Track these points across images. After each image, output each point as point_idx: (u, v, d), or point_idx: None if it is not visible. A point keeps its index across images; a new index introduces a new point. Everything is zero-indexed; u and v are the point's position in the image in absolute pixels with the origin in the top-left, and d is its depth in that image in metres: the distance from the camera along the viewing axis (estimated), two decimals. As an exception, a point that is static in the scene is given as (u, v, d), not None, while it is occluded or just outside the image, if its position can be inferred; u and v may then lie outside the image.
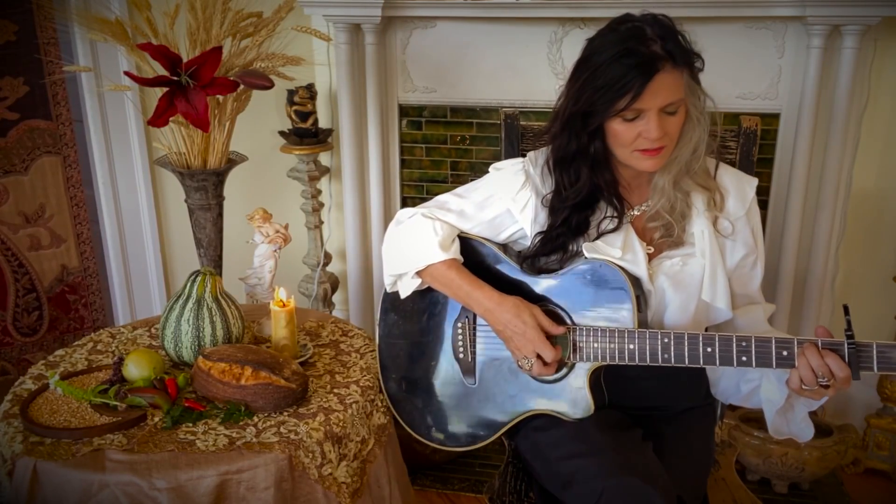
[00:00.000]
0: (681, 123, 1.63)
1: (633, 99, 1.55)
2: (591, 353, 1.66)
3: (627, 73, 1.54)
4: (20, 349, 2.85)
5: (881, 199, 2.84)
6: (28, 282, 2.82)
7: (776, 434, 1.71)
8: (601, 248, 1.69)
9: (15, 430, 1.74)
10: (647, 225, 1.74)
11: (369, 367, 2.01)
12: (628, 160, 1.66)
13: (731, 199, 1.73)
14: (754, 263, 1.77)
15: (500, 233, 1.81)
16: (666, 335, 1.60)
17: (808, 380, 1.51)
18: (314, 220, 3.16)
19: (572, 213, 1.71)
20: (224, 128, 2.47)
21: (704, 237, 1.71)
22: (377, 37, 2.88)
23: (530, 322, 1.65)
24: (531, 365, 1.67)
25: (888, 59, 2.68)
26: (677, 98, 1.58)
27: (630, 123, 1.60)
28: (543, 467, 1.75)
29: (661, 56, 1.55)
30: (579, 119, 1.64)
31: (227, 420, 1.78)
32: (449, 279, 1.75)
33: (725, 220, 1.73)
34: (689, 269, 1.71)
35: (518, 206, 1.77)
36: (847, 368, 1.49)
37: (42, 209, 2.80)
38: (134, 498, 1.60)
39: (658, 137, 1.59)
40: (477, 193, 1.82)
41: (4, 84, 2.66)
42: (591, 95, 1.59)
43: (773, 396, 1.66)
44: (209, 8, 2.32)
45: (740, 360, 1.56)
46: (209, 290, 1.99)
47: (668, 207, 1.71)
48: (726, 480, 2.00)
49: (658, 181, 1.70)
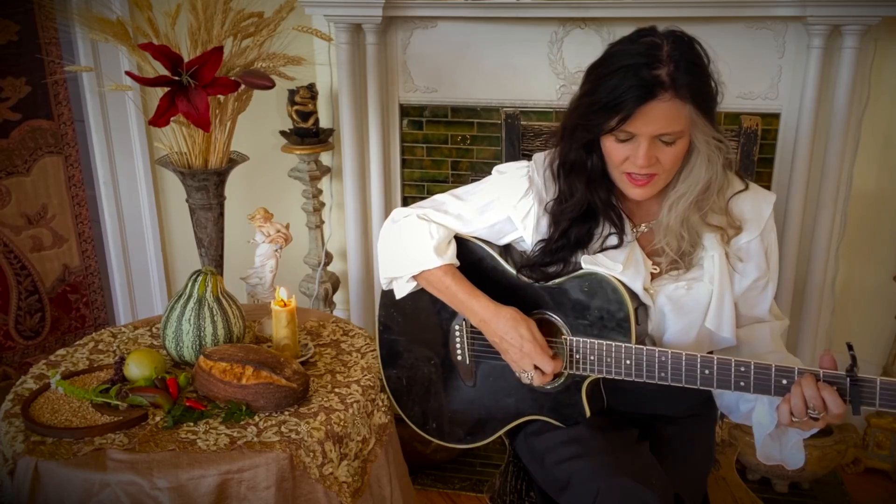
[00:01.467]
0: (679, 156, 1.55)
1: (623, 121, 1.49)
2: (588, 366, 1.63)
3: (624, 92, 1.48)
4: (22, 353, 2.84)
5: (881, 198, 2.84)
6: (30, 284, 2.81)
7: (765, 459, 1.63)
8: (601, 261, 1.64)
9: (16, 430, 1.74)
10: (654, 247, 1.68)
11: (370, 367, 2.01)
12: (618, 183, 1.62)
13: (746, 228, 1.66)
14: (765, 286, 1.70)
15: (499, 238, 1.78)
16: (664, 354, 1.56)
17: (797, 410, 1.44)
18: (315, 220, 3.16)
19: (572, 226, 1.67)
20: (225, 127, 2.47)
21: (715, 262, 1.64)
22: (378, 37, 2.88)
23: (527, 335, 1.63)
24: (531, 378, 1.66)
25: (888, 58, 2.68)
26: (674, 129, 1.51)
27: (622, 144, 1.54)
28: (540, 472, 1.75)
29: (662, 83, 1.47)
30: (578, 129, 1.60)
31: (229, 419, 1.78)
32: (445, 286, 1.73)
33: (737, 251, 1.66)
34: (694, 295, 1.65)
35: (519, 215, 1.73)
36: (842, 404, 1.42)
37: (44, 209, 2.80)
38: (135, 497, 1.60)
39: (644, 165, 1.53)
40: (477, 197, 1.78)
41: (6, 84, 2.66)
42: (587, 108, 1.55)
43: (763, 420, 1.60)
44: (210, 8, 2.32)
45: (738, 385, 1.51)
46: (210, 289, 2.00)
47: (674, 246, 1.64)
48: (727, 480, 2.00)
49: (663, 219, 1.63)
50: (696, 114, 1.51)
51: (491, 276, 1.76)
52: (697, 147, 1.56)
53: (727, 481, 1.99)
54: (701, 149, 1.56)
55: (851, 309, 2.95)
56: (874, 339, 2.88)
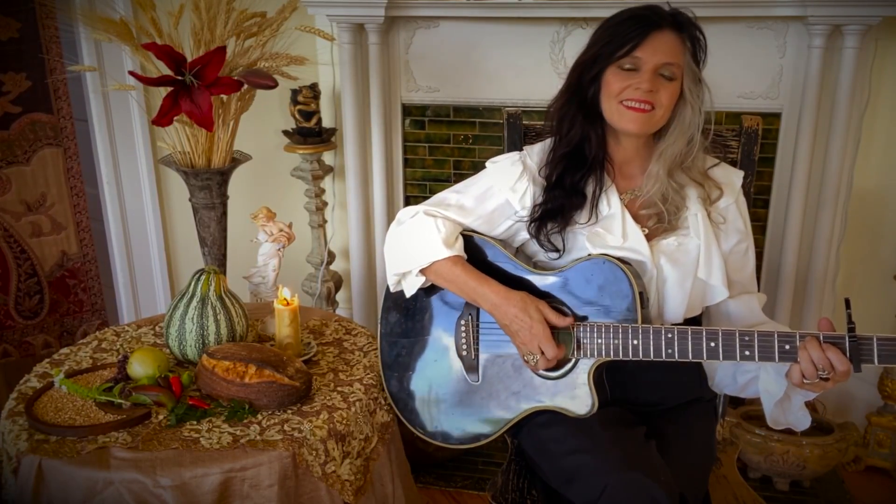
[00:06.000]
0: (675, 94, 1.69)
1: (634, 48, 1.65)
2: (595, 349, 1.67)
3: (633, 27, 1.66)
4: (22, 332, 2.91)
5: (882, 197, 2.84)
6: (29, 267, 2.89)
7: (774, 424, 1.73)
8: (602, 235, 1.73)
9: (20, 428, 1.74)
10: (640, 212, 1.78)
11: (373, 366, 2.02)
12: (613, 116, 1.71)
13: (724, 192, 1.78)
14: (746, 250, 1.81)
15: (499, 225, 1.83)
16: (669, 331, 1.61)
17: (808, 373, 1.53)
18: (318, 219, 3.17)
19: (565, 170, 1.76)
20: (228, 127, 2.47)
21: (698, 220, 1.75)
22: (381, 36, 2.89)
23: (536, 316, 1.67)
24: (536, 361, 1.69)
25: (889, 58, 2.69)
26: (675, 60, 1.66)
27: (625, 74, 1.67)
28: (547, 463, 1.75)
29: (666, 18, 1.67)
30: (586, 66, 1.72)
31: (231, 418, 1.78)
32: (455, 275, 1.76)
33: (718, 213, 1.77)
34: (684, 248, 1.74)
35: (517, 196, 1.80)
36: (847, 362, 1.50)
37: (43, 198, 2.87)
38: (138, 495, 1.61)
39: (648, 90, 1.66)
40: (475, 187, 1.84)
41: (7, 79, 2.72)
42: (599, 45, 1.70)
43: (771, 388, 1.68)
44: (213, 8, 2.33)
45: (743, 355, 1.57)
46: (213, 288, 2.00)
47: (660, 196, 1.75)
48: (728, 478, 2.00)
49: (652, 168, 1.75)
50: (690, 60, 1.69)
51: (498, 269, 1.79)
52: (685, 96, 1.71)
53: (728, 479, 1.99)
54: (687, 98, 1.70)
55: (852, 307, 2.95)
56: (875, 336, 2.88)
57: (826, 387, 1.55)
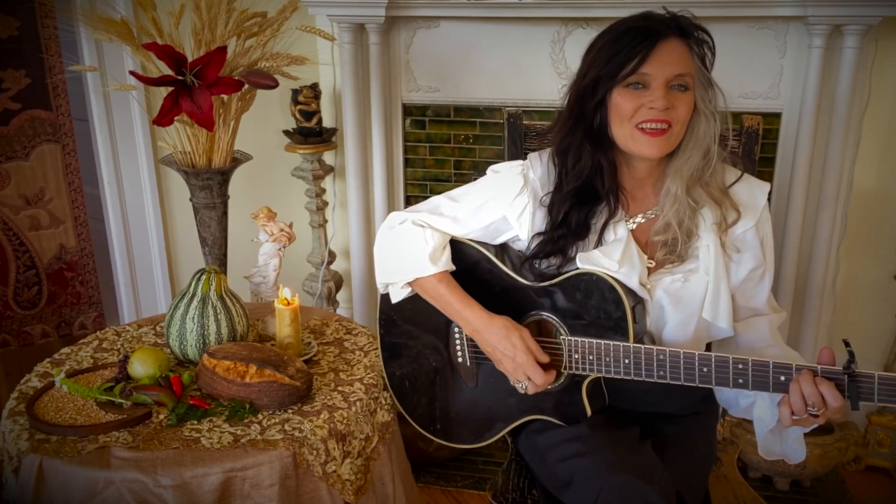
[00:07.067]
0: (691, 106, 1.58)
1: (640, 63, 1.53)
2: (587, 365, 1.63)
3: (634, 40, 1.54)
4: (20, 322, 2.95)
5: (882, 197, 2.84)
6: (28, 259, 2.94)
7: (767, 455, 1.64)
8: (597, 258, 1.63)
9: (21, 428, 1.75)
10: (652, 239, 1.68)
11: (373, 365, 2.02)
12: (628, 142, 1.60)
13: (742, 215, 1.66)
14: (762, 276, 1.70)
15: (495, 238, 1.78)
16: (661, 352, 1.55)
17: (797, 408, 1.44)
18: (318, 219, 3.17)
19: (572, 207, 1.66)
20: (229, 127, 2.47)
21: (710, 252, 1.64)
22: (381, 36, 2.89)
23: (519, 345, 1.62)
24: (525, 388, 1.67)
25: (889, 58, 2.68)
26: (686, 69, 1.55)
27: (634, 93, 1.56)
28: (543, 469, 1.75)
29: (669, 26, 1.55)
30: (587, 92, 1.61)
31: (232, 418, 1.79)
32: (438, 294, 1.72)
33: (733, 241, 1.66)
34: (690, 287, 1.64)
35: (514, 213, 1.73)
36: (841, 399, 1.41)
37: (42, 192, 2.90)
38: (139, 495, 1.61)
39: (664, 108, 1.54)
40: (472, 198, 1.78)
41: (7, 76, 2.75)
42: (599, 65, 1.58)
43: (764, 416, 1.60)
44: (214, 8, 2.33)
45: (736, 383, 1.49)
46: (214, 288, 2.01)
47: (677, 219, 1.63)
48: (728, 477, 2.00)
49: (670, 186, 1.64)
50: (699, 65, 1.58)
51: (487, 278, 1.75)
52: (697, 107, 1.59)
53: (728, 479, 2.00)
54: (699, 107, 1.59)
55: (852, 307, 2.96)
56: (875, 338, 2.88)
57: (817, 422, 1.47)
